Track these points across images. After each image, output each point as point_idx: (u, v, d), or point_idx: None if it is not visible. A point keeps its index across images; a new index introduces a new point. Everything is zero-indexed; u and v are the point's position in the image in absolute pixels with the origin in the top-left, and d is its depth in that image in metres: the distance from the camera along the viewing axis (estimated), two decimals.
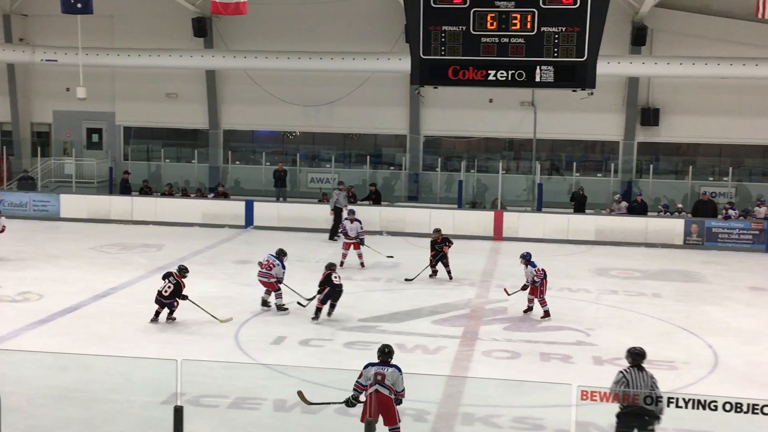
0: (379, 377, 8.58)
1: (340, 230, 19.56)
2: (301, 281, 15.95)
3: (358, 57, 24.88)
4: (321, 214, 23.80)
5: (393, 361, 8.83)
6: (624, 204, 24.02)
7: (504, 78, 12.01)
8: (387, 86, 26.68)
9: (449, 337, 13.41)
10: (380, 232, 23.31)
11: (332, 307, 14.15)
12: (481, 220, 23.62)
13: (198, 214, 24.53)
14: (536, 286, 14.63)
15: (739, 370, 12.02)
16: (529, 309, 14.87)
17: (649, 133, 26.34)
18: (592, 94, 12.16)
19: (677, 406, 7.97)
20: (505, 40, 11.83)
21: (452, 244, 17.75)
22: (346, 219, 19.25)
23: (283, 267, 14.77)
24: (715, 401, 7.79)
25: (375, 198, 24.89)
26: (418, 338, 13.19)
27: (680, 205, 24.24)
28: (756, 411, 7.66)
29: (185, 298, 13.80)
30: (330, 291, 13.97)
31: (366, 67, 25.23)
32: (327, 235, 22.72)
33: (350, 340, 13.08)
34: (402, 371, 8.67)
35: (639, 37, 24.58)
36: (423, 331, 13.68)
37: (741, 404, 7.67)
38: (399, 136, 28.04)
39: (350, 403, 8.82)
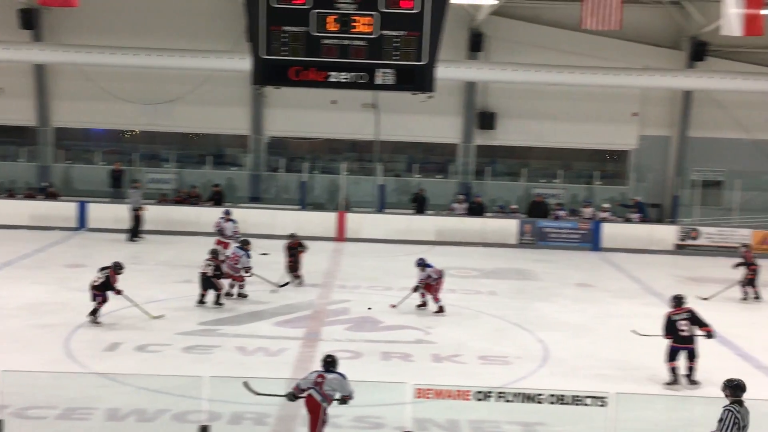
0: (319, 379, 8.80)
1: (215, 228, 18.85)
2: (138, 284, 15.42)
3: (198, 55, 24.30)
4: (159, 214, 23.13)
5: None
6: (464, 205, 24.78)
7: (346, 80, 11.99)
8: (229, 85, 26.21)
9: (291, 339, 13.37)
10: None
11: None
12: (325, 221, 23.72)
13: (25, 215, 23.25)
14: (432, 284, 15.23)
15: (567, 363, 12.65)
16: (423, 305, 15.45)
17: (486, 137, 27.29)
18: (431, 97, 12.35)
19: (506, 400, 8.29)
20: (347, 42, 11.83)
21: (307, 248, 17.60)
22: (221, 218, 18.97)
23: (248, 256, 15.56)
24: (541, 394, 8.16)
25: (217, 199, 24.43)
26: (259, 340, 13.07)
27: (515, 206, 25.29)
28: (578, 402, 8.09)
29: (119, 292, 13.72)
30: None
31: (206, 66, 24.67)
32: (165, 236, 22.14)
33: (189, 345, 12.79)
34: (345, 377, 8.84)
35: (476, 44, 25.54)
36: (265, 333, 13.57)
37: (564, 396, 8.08)
38: (241, 136, 27.62)
39: (291, 397, 8.98)
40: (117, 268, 14.02)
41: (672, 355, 11.78)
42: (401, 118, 26.34)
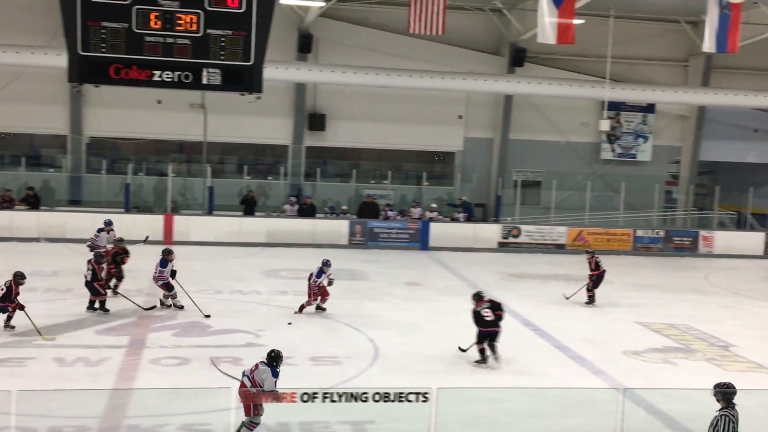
0: (252, 367, 9.24)
1: (88, 243, 17.58)
2: None
3: (9, 50, 22.74)
4: None
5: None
6: (295, 206, 24.74)
7: (170, 79, 11.76)
8: (44, 83, 24.71)
9: (114, 347, 12.83)
10: (38, 239, 21.65)
11: None
12: (151, 223, 22.90)
13: None
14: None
15: (396, 360, 12.87)
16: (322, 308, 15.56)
17: (316, 138, 27.39)
18: (260, 98, 12.34)
19: (332, 401, 8.34)
20: (171, 40, 11.58)
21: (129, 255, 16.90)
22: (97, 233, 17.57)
23: (162, 266, 15.16)
24: (366, 393, 8.27)
25: (33, 202, 23.06)
26: (79, 350, 12.45)
27: (345, 207, 25.53)
28: (402, 399, 8.27)
29: (21, 307, 13.21)
30: None
31: (18, 61, 23.11)
32: None
33: (2, 358, 11.98)
34: (275, 375, 9.10)
35: (305, 45, 25.59)
36: (85, 343, 12.94)
37: (388, 393, 8.23)
38: (59, 136, 26.18)
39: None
40: (17, 277, 13.46)
41: (480, 339, 12.75)
42: (230, 118, 25.96)
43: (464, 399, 10.07)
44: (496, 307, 12.93)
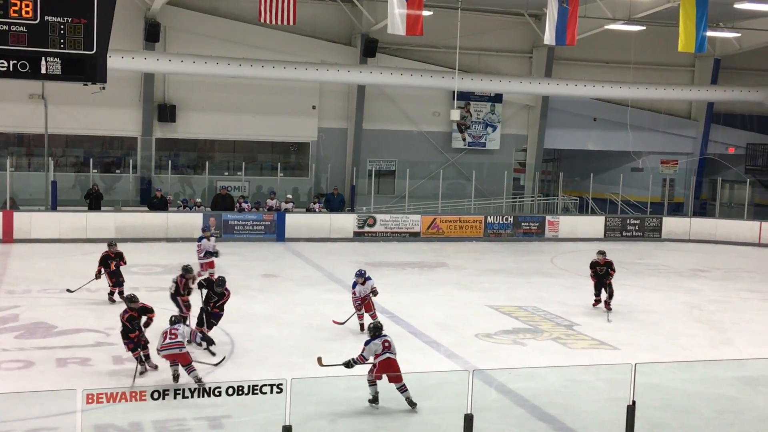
0: (386, 344, 10.33)
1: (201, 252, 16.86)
2: None
3: None
4: None
5: None
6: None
7: (5, 68, 11.06)
8: None
9: None
10: None
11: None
12: None
13: None
14: (370, 301, 14.17)
15: (253, 353, 12.76)
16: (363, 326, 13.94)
17: (167, 129, 26.68)
18: (104, 88, 11.82)
19: (183, 397, 8.21)
20: (4, 27, 10.91)
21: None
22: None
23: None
24: (219, 387, 8.17)
25: None
26: None
27: (199, 200, 25.02)
28: (256, 391, 8.23)
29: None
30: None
31: None
32: None
33: None
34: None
35: (152, 34, 24.82)
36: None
37: (243, 386, 8.18)
38: None
39: (350, 364, 10.52)
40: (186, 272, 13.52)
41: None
42: (74, 109, 24.88)
43: (321, 388, 10.11)
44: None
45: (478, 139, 30.24)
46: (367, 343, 10.51)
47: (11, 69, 11.12)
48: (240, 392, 8.13)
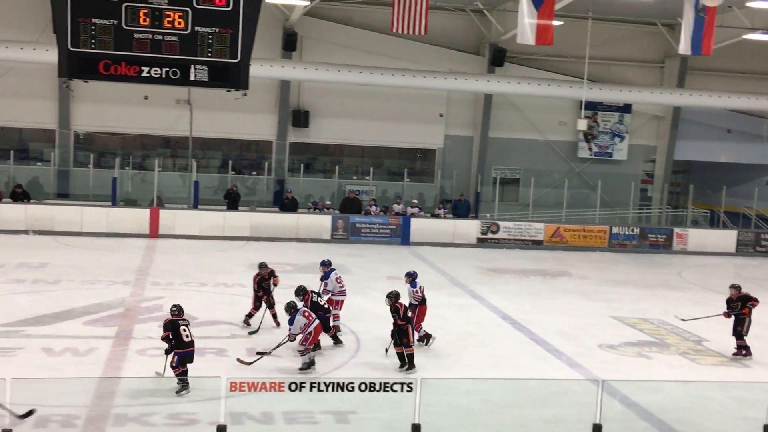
0: (306, 314, 11.96)
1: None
2: None
3: None
4: None
5: None
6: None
7: (158, 75, 11.95)
8: (33, 78, 24.95)
9: (102, 338, 13.09)
10: (26, 232, 21.85)
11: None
12: (137, 217, 23.21)
13: None
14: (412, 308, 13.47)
15: (377, 352, 13.18)
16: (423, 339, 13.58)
17: (300, 134, 27.71)
18: (245, 95, 12.53)
19: (319, 390, 8.65)
20: (159, 37, 11.80)
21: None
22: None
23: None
24: (352, 383, 8.59)
25: (21, 199, 23.25)
26: (67, 341, 12.71)
27: (329, 202, 25.84)
28: (387, 389, 8.60)
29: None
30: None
31: (7, 57, 23.34)
32: None
33: None
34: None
35: (290, 43, 25.90)
36: (73, 333, 13.19)
37: (374, 383, 8.55)
38: (47, 130, 26.40)
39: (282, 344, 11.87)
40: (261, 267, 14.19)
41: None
42: (216, 114, 26.26)
43: (445, 389, 10.38)
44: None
45: (604, 149, 29.84)
46: (290, 322, 11.81)
47: (164, 76, 12.03)
48: (372, 389, 8.50)
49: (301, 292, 12.75)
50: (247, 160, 28.52)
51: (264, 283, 14.31)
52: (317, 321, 12.09)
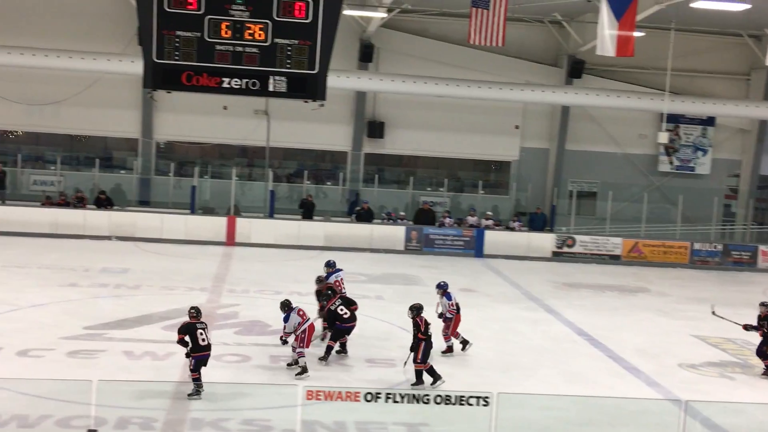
0: (301, 312, 12.21)
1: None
2: (19, 289, 15.05)
3: (87, 56, 23.74)
4: (44, 217, 22.61)
5: None
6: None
7: (238, 86, 12.16)
8: (118, 88, 25.78)
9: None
10: (109, 237, 22.49)
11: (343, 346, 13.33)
12: (214, 225, 23.66)
13: None
14: (447, 322, 13.81)
15: (449, 364, 13.08)
16: (463, 343, 13.96)
17: (375, 145, 27.85)
18: (323, 105, 12.61)
19: (395, 401, 8.62)
20: (240, 49, 12.01)
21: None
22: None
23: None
24: (428, 395, 8.54)
25: (104, 205, 23.99)
26: (147, 345, 13.01)
27: (403, 214, 25.85)
28: (463, 402, 8.51)
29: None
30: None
31: (95, 68, 24.15)
32: (49, 240, 21.70)
33: (74, 350, 12.59)
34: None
35: (366, 55, 26.09)
36: (152, 338, 13.49)
37: (450, 396, 8.48)
38: (130, 139, 27.21)
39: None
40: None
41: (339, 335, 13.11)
42: (292, 125, 26.61)
43: (519, 405, 10.21)
44: (350, 303, 13.25)
45: (686, 162, 29.10)
46: (285, 320, 12.11)
47: (243, 87, 12.23)
48: (447, 402, 8.44)
49: (323, 297, 13.03)
50: (322, 170, 28.80)
51: (321, 296, 14.07)
52: (311, 321, 12.45)
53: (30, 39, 24.25)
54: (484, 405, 8.44)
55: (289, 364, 12.28)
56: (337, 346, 13.05)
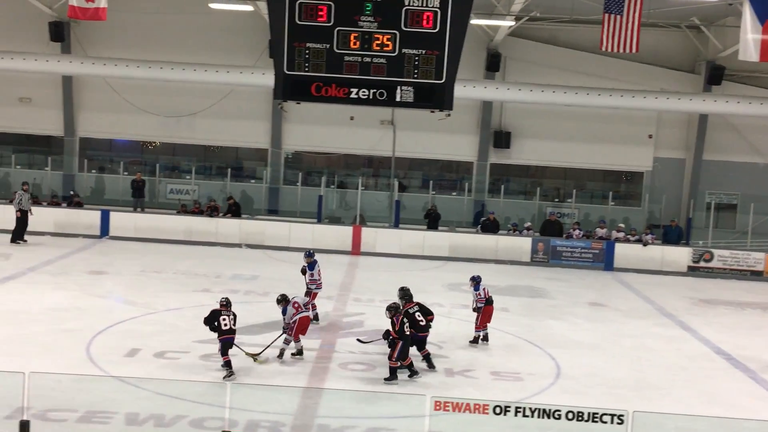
0: (296, 305, 12.79)
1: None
2: (156, 293, 15.67)
3: (221, 70, 24.69)
4: (179, 225, 23.59)
5: None
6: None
7: (366, 96, 12.29)
8: (250, 100, 26.67)
9: (306, 350, 13.50)
10: (239, 245, 23.18)
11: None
12: (340, 234, 23.98)
13: (50, 222, 23.53)
14: (478, 312, 14.49)
15: (579, 380, 12.74)
16: (483, 338, 14.52)
17: (501, 155, 27.56)
18: (449, 115, 12.59)
19: (524, 415, 8.40)
20: (368, 59, 12.13)
21: None
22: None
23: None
24: (559, 410, 8.27)
25: (234, 211, 24.78)
26: (274, 351, 13.23)
27: (529, 224, 25.41)
28: (596, 419, 8.21)
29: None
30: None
31: (228, 80, 25.07)
32: (184, 247, 22.51)
33: (207, 353, 12.97)
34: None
35: (493, 64, 25.85)
36: (280, 344, 13.71)
37: (582, 413, 8.18)
38: (260, 150, 28.05)
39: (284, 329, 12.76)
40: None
41: (422, 345, 12.71)
42: (418, 135, 26.71)
43: (654, 424, 9.80)
44: (427, 312, 12.87)
45: None
46: (284, 312, 12.77)
47: (371, 97, 12.33)
48: (579, 418, 8.17)
49: (394, 307, 12.55)
50: (447, 181, 28.73)
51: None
52: (305, 313, 12.92)
53: (167, 54, 25.49)
54: (619, 423, 8.11)
55: (292, 354, 12.86)
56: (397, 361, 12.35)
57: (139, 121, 27.05)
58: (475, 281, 14.62)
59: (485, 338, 14.50)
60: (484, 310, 14.44)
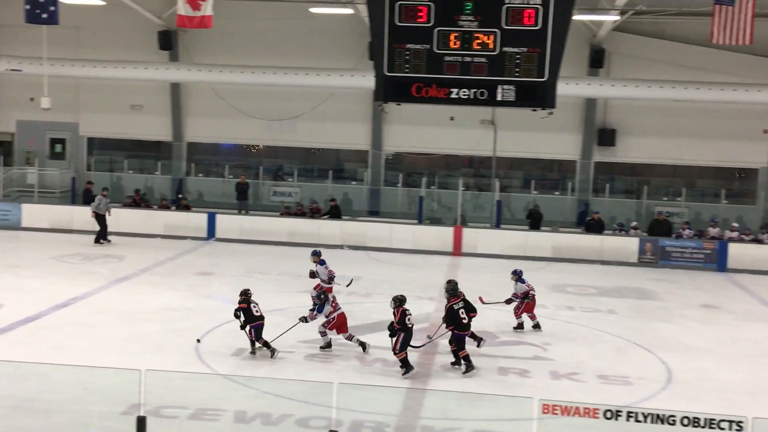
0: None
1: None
2: (261, 293, 15.90)
3: (322, 73, 25.04)
4: (282, 227, 24.04)
5: None
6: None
7: (466, 96, 12.23)
8: (350, 102, 26.94)
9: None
10: (341, 246, 23.44)
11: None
12: (441, 235, 23.90)
13: (160, 225, 24.40)
14: (529, 301, 15.24)
15: (691, 385, 12.30)
16: (520, 326, 15.22)
17: (605, 153, 26.90)
18: (551, 113, 12.37)
19: (636, 420, 8.12)
20: (468, 59, 12.07)
21: None
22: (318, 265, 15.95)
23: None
24: (674, 416, 7.96)
25: (335, 212, 25.07)
26: (377, 351, 13.29)
27: (635, 223, 24.69)
28: (713, 426, 7.86)
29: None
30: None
31: (329, 83, 25.40)
32: (287, 248, 22.87)
33: (312, 353, 13.15)
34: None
35: (597, 60, 25.25)
36: (383, 344, 13.74)
37: (698, 419, 7.83)
38: (361, 151, 28.29)
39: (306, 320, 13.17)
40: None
41: (461, 344, 12.46)
42: (518, 134, 26.36)
43: None
44: (471, 309, 12.71)
45: None
46: (319, 310, 13.03)
47: (471, 97, 12.27)
48: (695, 424, 7.84)
49: (399, 299, 12.47)
50: (549, 180, 28.26)
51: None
52: (341, 311, 13.17)
53: (270, 59, 26.04)
54: (738, 430, 7.73)
55: (321, 347, 13.21)
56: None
57: (243, 125, 27.73)
58: (517, 275, 15.37)
59: (521, 327, 15.13)
60: (527, 304, 15.18)
